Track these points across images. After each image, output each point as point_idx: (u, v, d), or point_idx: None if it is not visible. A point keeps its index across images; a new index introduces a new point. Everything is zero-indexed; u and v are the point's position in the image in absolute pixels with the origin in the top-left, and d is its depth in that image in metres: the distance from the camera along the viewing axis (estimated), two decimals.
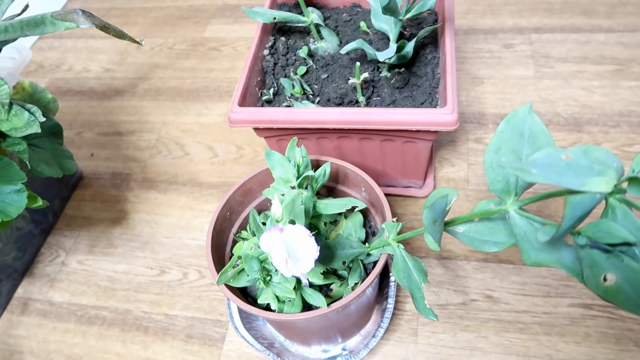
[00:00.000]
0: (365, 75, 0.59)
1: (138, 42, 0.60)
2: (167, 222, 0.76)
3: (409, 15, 0.55)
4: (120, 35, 0.57)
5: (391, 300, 0.58)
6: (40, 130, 0.49)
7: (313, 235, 0.37)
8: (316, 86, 0.65)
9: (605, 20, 0.88)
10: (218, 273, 0.48)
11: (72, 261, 0.74)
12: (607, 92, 0.78)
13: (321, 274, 0.47)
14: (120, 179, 0.83)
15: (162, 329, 0.65)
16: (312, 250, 0.37)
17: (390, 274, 0.58)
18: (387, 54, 0.55)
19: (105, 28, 0.55)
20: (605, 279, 0.27)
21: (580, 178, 0.28)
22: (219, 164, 0.81)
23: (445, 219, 0.42)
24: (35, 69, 1.04)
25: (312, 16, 0.65)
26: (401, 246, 0.46)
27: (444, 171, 0.73)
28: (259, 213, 0.57)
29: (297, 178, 0.47)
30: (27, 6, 0.63)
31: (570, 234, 0.30)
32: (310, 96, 0.65)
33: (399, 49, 0.57)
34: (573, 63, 0.83)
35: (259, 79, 0.66)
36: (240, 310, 0.59)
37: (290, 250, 0.37)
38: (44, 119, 0.51)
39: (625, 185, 0.29)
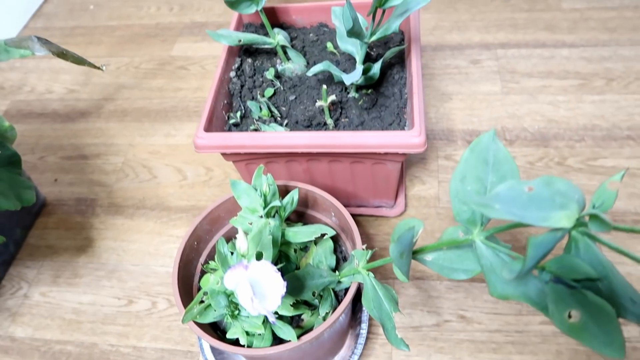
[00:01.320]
0: (333, 97, 0.58)
1: (99, 68, 0.58)
2: (135, 249, 0.73)
3: (374, 38, 0.55)
4: (80, 61, 0.55)
5: (364, 325, 0.57)
6: None
7: (282, 265, 0.37)
8: (284, 108, 0.64)
9: (568, 35, 0.90)
10: (185, 307, 0.46)
11: (35, 293, 0.71)
12: (572, 107, 0.79)
13: (291, 305, 0.46)
14: (85, 204, 0.80)
15: None
16: (279, 286, 0.36)
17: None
18: (353, 77, 0.55)
19: (62, 55, 0.53)
20: (570, 316, 0.27)
21: (542, 211, 0.28)
22: (188, 187, 0.79)
23: (414, 248, 0.42)
24: None
25: (278, 37, 0.64)
26: (371, 275, 0.45)
27: (415, 189, 0.73)
28: (228, 241, 0.55)
29: (264, 207, 0.45)
30: None
31: (535, 268, 0.30)
32: (278, 118, 0.64)
33: (365, 71, 0.57)
34: (538, 78, 0.84)
35: (225, 101, 0.65)
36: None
37: (256, 287, 0.36)
38: None
39: (587, 218, 0.29)
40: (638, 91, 0.80)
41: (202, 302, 0.44)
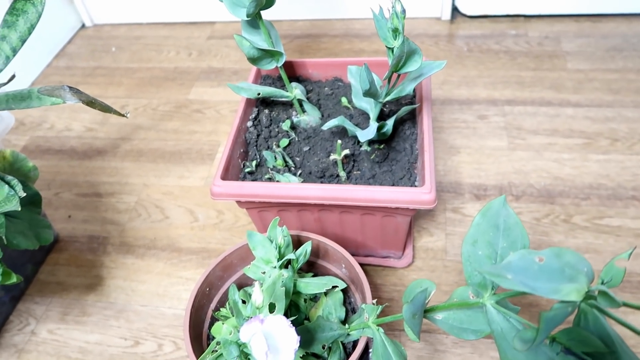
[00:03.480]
0: (346, 151, 0.60)
1: (123, 115, 0.61)
2: (144, 290, 0.74)
3: (388, 99, 0.57)
4: (106, 109, 0.58)
5: None
6: (19, 208, 0.48)
7: (294, 318, 0.38)
8: (298, 159, 0.67)
9: (573, 95, 0.93)
10: (194, 353, 0.47)
11: (43, 330, 0.71)
12: (577, 165, 0.81)
13: (300, 357, 0.46)
14: (97, 242, 0.81)
15: None
16: (293, 341, 0.37)
17: (370, 352, 0.58)
18: (367, 135, 0.57)
19: (91, 103, 0.56)
20: None
21: (553, 283, 0.29)
22: (199, 229, 0.81)
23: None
24: (16, 126, 1.04)
25: (296, 91, 0.67)
26: (381, 330, 0.46)
27: (423, 241, 0.74)
28: (239, 288, 0.56)
29: (279, 259, 0.47)
30: (13, 76, 0.64)
31: (546, 338, 0.31)
32: (292, 168, 0.66)
33: (379, 128, 0.59)
34: (544, 135, 0.87)
35: (242, 150, 0.67)
36: None
37: (270, 341, 0.37)
38: (24, 194, 0.50)
39: (596, 292, 0.30)
40: None
41: (214, 351, 0.44)
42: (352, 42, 1.13)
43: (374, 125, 0.59)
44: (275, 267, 0.48)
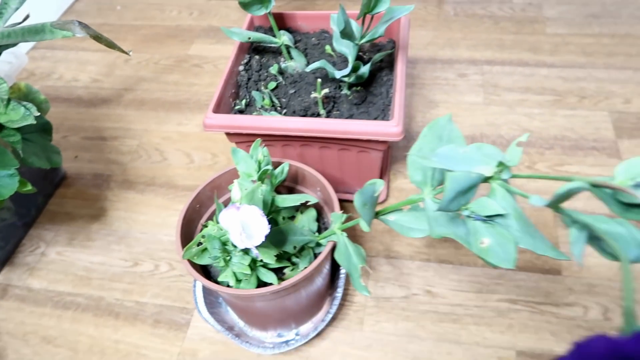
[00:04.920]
0: (326, 91, 0.67)
1: (126, 53, 0.67)
2: (143, 220, 0.82)
3: (363, 40, 0.64)
4: (111, 45, 0.64)
5: (340, 290, 0.65)
6: (35, 122, 0.55)
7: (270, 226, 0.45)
8: (284, 100, 0.73)
9: (549, 57, 0.99)
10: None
11: (52, 252, 0.79)
12: (546, 119, 0.88)
13: (275, 256, 0.54)
14: (101, 179, 0.89)
15: (132, 314, 0.71)
16: (263, 227, 0.45)
17: (341, 268, 0.66)
18: (343, 72, 0.64)
19: (97, 38, 0.62)
20: (482, 243, 0.35)
21: (470, 165, 0.37)
22: (194, 169, 0.88)
23: (380, 209, 0.50)
24: (27, 76, 1.11)
25: (283, 38, 0.74)
26: (344, 234, 0.53)
27: (398, 182, 0.81)
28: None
29: (258, 172, 0.54)
30: (27, 16, 0.71)
31: (461, 211, 0.38)
32: (279, 108, 0.73)
33: (355, 69, 0.66)
34: (518, 92, 0.93)
35: (233, 91, 0.74)
36: (205, 297, 0.66)
37: (244, 226, 0.45)
38: (38, 114, 0.58)
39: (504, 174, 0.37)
40: (607, 108, 0.88)
41: (199, 244, 0.52)
42: (345, 4, 1.18)
43: (350, 65, 0.65)
44: (254, 181, 0.55)
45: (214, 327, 0.62)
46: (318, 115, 0.70)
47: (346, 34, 0.60)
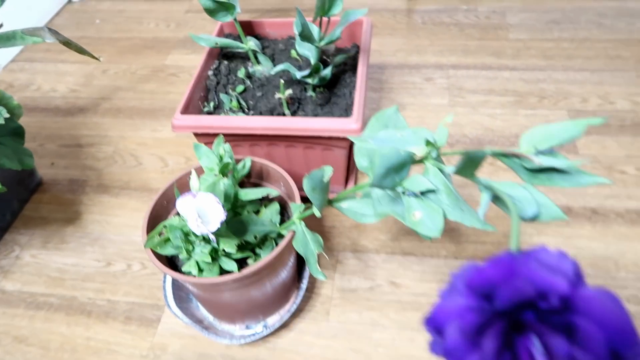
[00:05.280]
0: (290, 91, 0.70)
1: (97, 58, 0.70)
2: (117, 222, 0.84)
3: (323, 43, 0.67)
4: (81, 50, 0.67)
5: (305, 282, 0.67)
6: (4, 122, 0.58)
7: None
8: (252, 102, 0.76)
9: (511, 60, 1.03)
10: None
11: (26, 255, 0.81)
12: (507, 119, 0.91)
13: (237, 246, 0.56)
14: (77, 185, 0.91)
15: (104, 312, 0.72)
16: (219, 213, 0.47)
17: None
18: (304, 73, 0.67)
19: (67, 44, 0.65)
20: (414, 216, 0.37)
21: (405, 146, 0.39)
22: (168, 173, 0.90)
23: (332, 197, 0.52)
24: (5, 87, 1.13)
25: (250, 43, 0.77)
26: (303, 223, 0.55)
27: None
28: None
29: (219, 165, 0.56)
30: (1, 24, 0.73)
31: (397, 189, 0.40)
32: (246, 110, 0.75)
33: (316, 70, 0.69)
34: (481, 94, 0.97)
35: (202, 94, 0.77)
36: (175, 292, 0.67)
37: (201, 213, 0.47)
38: (8, 116, 0.60)
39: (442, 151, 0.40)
40: (565, 107, 0.92)
41: (161, 234, 0.54)
42: None
43: (311, 66, 0.68)
44: (217, 175, 0.57)
45: (183, 320, 0.64)
46: (283, 115, 0.73)
47: (305, 36, 0.63)
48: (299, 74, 0.68)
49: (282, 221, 0.65)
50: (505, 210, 0.34)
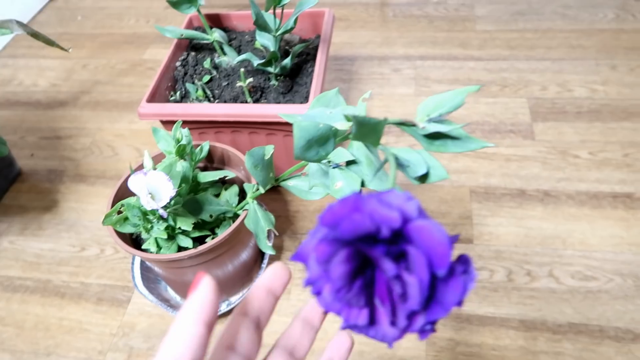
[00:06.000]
0: (251, 79, 0.73)
1: (66, 50, 0.73)
2: (92, 209, 0.87)
3: (279, 32, 0.70)
4: (49, 42, 0.70)
5: (266, 262, 0.71)
6: None
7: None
8: (217, 91, 0.79)
9: (477, 51, 1.06)
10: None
11: (4, 241, 0.84)
12: (469, 107, 0.95)
13: (193, 224, 0.59)
14: (55, 174, 0.94)
15: (77, 294, 0.76)
16: (168, 190, 0.50)
17: None
18: (261, 61, 0.70)
19: (35, 35, 0.68)
20: (336, 185, 0.41)
21: (330, 121, 0.43)
22: None
23: (280, 175, 0.56)
24: None
25: (215, 35, 0.80)
26: (255, 202, 0.59)
27: None
28: None
29: (175, 148, 0.60)
30: None
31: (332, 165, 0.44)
32: (211, 99, 0.79)
33: (274, 58, 0.72)
34: (446, 84, 1.00)
35: (169, 84, 0.80)
36: (143, 274, 0.71)
37: (152, 190, 0.50)
38: None
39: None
40: (525, 95, 0.95)
41: (120, 212, 0.57)
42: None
43: (268, 54, 0.72)
44: (174, 157, 0.61)
45: (150, 299, 0.67)
46: (246, 103, 0.76)
47: (260, 25, 0.66)
48: (256, 62, 0.71)
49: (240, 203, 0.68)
50: (405, 172, 0.37)
